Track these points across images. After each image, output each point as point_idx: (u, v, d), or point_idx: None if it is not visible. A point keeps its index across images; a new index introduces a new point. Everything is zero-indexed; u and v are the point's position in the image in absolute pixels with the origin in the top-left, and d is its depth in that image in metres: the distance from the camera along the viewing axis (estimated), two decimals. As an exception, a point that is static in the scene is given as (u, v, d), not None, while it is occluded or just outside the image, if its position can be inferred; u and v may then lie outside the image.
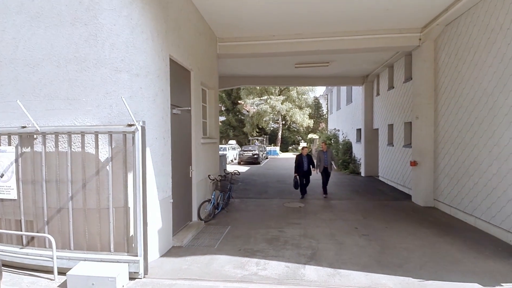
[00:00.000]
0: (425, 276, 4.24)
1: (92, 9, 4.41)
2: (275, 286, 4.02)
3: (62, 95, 4.50)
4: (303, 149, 10.12)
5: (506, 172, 5.52)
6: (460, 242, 5.56)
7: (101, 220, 4.37)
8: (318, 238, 5.89)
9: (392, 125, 11.71)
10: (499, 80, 5.70)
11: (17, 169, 4.51)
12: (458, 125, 7.13)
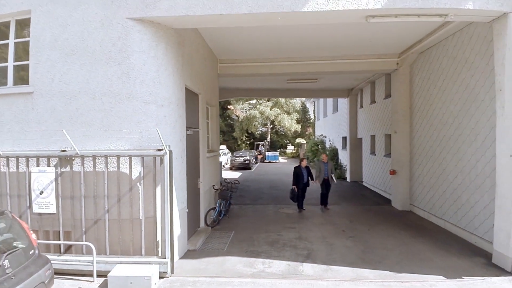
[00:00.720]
0: (399, 270, 5.26)
1: (125, 51, 5.24)
2: (280, 280, 4.95)
3: (97, 123, 5.30)
4: (302, 161, 10.00)
5: (468, 183, 6.64)
6: (431, 242, 6.64)
7: (133, 228, 5.18)
8: (312, 240, 6.86)
9: (374, 135, 12.90)
10: (463, 105, 6.84)
11: (56, 187, 5.27)
12: (429, 141, 8.29)
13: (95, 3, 5.25)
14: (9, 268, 3.45)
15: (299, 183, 9.54)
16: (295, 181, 9.60)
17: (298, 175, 9.60)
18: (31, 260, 3.88)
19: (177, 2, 5.11)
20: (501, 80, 5.13)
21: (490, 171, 5.80)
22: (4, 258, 3.44)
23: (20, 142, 5.43)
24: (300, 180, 9.54)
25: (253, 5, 5.03)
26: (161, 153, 5.06)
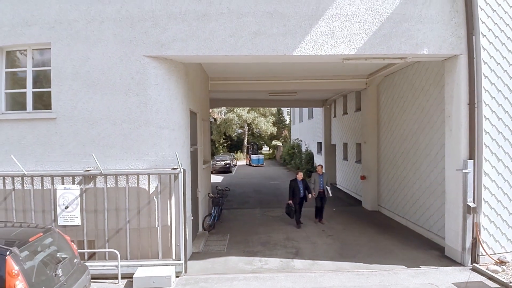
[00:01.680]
0: (370, 262, 6.56)
1: (142, 84, 6.08)
2: (276, 274, 6.05)
3: (118, 145, 6.09)
4: (298, 174, 9.53)
5: (424, 189, 8.13)
6: (395, 238, 8.05)
7: (151, 235, 6.04)
8: (298, 240, 8.04)
9: (347, 143, 14.41)
10: (419, 124, 8.32)
11: (81, 202, 6.00)
12: (393, 151, 9.78)
13: (114, 41, 6.03)
14: (62, 276, 4.23)
15: (296, 198, 9.16)
16: (291, 195, 9.22)
17: (294, 189, 9.23)
18: (76, 268, 4.67)
19: (188, 44, 6.04)
20: (449, 109, 6.57)
21: (441, 180, 7.28)
22: (58, 268, 4.22)
23: (43, 163, 6.08)
24: (296, 194, 9.18)
25: (253, 49, 6.08)
26: (176, 171, 5.97)
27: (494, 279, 5.39)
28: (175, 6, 6.00)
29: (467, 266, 6.08)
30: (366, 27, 6.12)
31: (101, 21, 6.02)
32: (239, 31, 6.06)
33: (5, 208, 6.02)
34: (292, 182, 9.45)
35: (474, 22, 6.04)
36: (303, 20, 6.07)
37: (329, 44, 6.11)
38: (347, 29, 6.10)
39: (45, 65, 6.34)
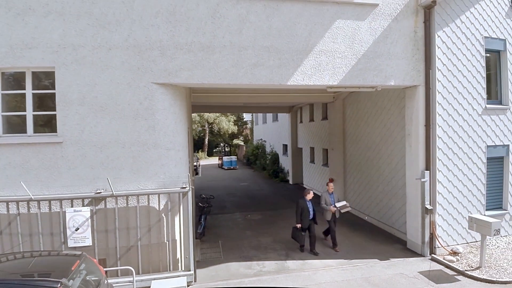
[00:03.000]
0: (350, 258, 7.79)
1: (151, 109, 6.46)
2: (276, 275, 6.94)
3: (127, 167, 6.41)
4: (308, 193, 8.33)
5: (387, 192, 9.64)
6: (365, 235, 9.45)
7: (161, 250, 6.51)
8: (284, 242, 9.02)
9: (313, 148, 15.82)
10: (382, 137, 9.81)
11: (92, 223, 6.23)
12: (358, 158, 11.26)
13: (122, 68, 6.31)
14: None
15: (305, 220, 8.10)
16: (300, 218, 8.08)
17: (303, 210, 8.10)
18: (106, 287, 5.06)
19: (194, 73, 6.56)
20: (409, 128, 8.01)
21: (401, 185, 8.79)
22: (97, 290, 4.62)
23: (49, 187, 6.17)
24: (306, 216, 8.09)
25: (252, 78, 6.82)
26: (185, 190, 6.51)
27: (451, 268, 6.92)
28: (181, 37, 6.48)
29: (427, 256, 7.61)
30: (346, 62, 7.23)
31: (108, 48, 6.25)
32: (240, 62, 6.75)
33: (10, 233, 6.00)
34: (301, 202, 8.22)
35: (431, 58, 7.49)
36: (295, 54, 6.97)
37: (317, 76, 7.11)
38: (331, 63, 7.16)
39: (46, 88, 6.38)
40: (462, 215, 7.86)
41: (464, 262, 7.08)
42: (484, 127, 7.91)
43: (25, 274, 4.08)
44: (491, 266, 6.72)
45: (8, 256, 4.79)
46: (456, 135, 7.73)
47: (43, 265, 4.61)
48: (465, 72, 7.74)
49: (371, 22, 7.31)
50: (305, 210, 8.15)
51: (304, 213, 8.13)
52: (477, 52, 7.81)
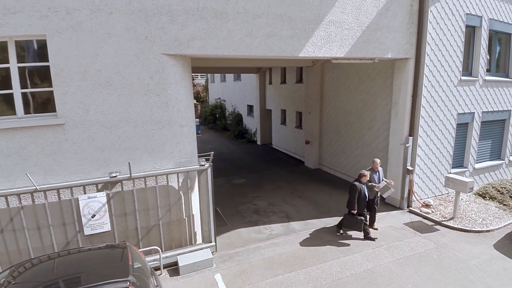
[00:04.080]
0: (341, 215, 8.71)
1: (162, 84, 5.92)
2: (287, 237, 7.51)
3: (141, 148, 5.98)
4: (363, 176, 7.43)
5: (366, 154, 10.63)
6: (346, 192, 10.50)
7: (181, 226, 6.51)
8: (279, 204, 9.62)
9: (285, 110, 16.18)
10: (364, 104, 10.49)
11: (109, 207, 5.86)
12: (336, 122, 11.99)
13: (127, 36, 5.54)
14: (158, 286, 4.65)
15: (361, 206, 7.35)
16: (355, 203, 7.26)
17: (359, 195, 7.29)
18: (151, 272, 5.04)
19: (208, 43, 6.08)
20: (397, 98, 8.74)
21: (382, 148, 9.79)
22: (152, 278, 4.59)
23: (54, 174, 5.52)
24: (362, 199, 7.34)
25: (266, 49, 6.59)
26: (204, 167, 6.41)
27: (428, 219, 8.27)
28: (192, 1, 5.82)
29: (405, 209, 8.92)
30: (353, 34, 7.36)
31: (109, 12, 5.36)
32: (254, 32, 6.41)
33: (13, 229, 5.36)
34: (357, 185, 7.31)
35: (423, 32, 8.01)
36: (307, 24, 6.84)
37: (326, 47, 7.15)
38: (340, 35, 7.22)
39: (35, 60, 5.34)
40: (433, 173, 9.24)
41: (438, 213, 8.53)
42: (457, 97, 9.03)
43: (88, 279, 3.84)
44: (462, 217, 8.24)
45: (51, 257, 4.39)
46: (435, 105, 8.72)
47: (101, 263, 4.37)
48: (448, 46, 8.51)
49: (376, -7, 7.40)
50: (362, 195, 7.31)
51: (360, 197, 7.30)
52: (459, 28, 8.57)
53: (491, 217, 8.10)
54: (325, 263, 6.48)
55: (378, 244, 7.21)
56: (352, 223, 7.43)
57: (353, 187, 7.36)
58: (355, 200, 7.29)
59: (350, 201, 7.37)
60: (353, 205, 7.29)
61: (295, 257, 6.70)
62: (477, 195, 9.53)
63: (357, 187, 7.31)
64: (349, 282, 5.86)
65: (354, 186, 7.36)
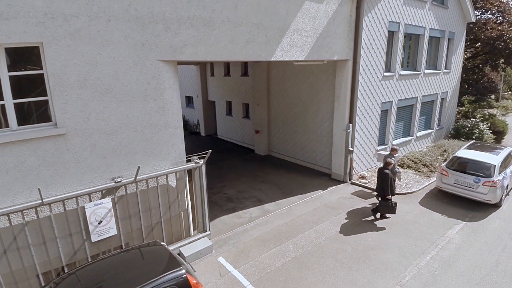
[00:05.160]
0: (303, 193, 10.32)
1: (159, 89, 6.21)
2: (266, 217, 8.67)
3: (141, 151, 6.21)
4: (390, 164, 8.24)
5: (312, 139, 12.39)
6: (300, 174, 12.16)
7: (180, 220, 7.00)
8: (247, 190, 10.66)
9: (231, 101, 16.97)
10: (308, 96, 12.13)
11: (115, 212, 5.99)
12: (284, 112, 13.46)
13: (125, 43, 5.65)
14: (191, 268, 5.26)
15: (393, 189, 8.21)
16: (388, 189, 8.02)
17: (391, 181, 8.12)
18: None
19: (198, 49, 6.56)
20: (338, 92, 10.55)
21: (325, 134, 11.65)
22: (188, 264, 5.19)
23: (56, 185, 5.40)
24: (392, 186, 8.18)
25: (246, 55, 7.37)
26: (199, 165, 6.97)
27: (367, 188, 10.45)
28: (183, 10, 6.20)
29: (348, 182, 11.01)
30: (310, 40, 8.69)
31: (107, 19, 5.39)
32: (236, 39, 7.12)
33: (17, 247, 5.12)
34: (389, 173, 8.08)
35: (359, 38, 9.86)
36: (277, 32, 7.85)
37: (291, 52, 8.31)
38: (301, 41, 8.45)
39: (27, 69, 5.04)
40: (365, 151, 11.55)
41: (373, 182, 10.83)
42: (381, 89, 11.38)
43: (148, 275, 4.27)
44: (390, 182, 10.68)
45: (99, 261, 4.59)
46: (367, 96, 10.87)
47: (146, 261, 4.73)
48: (376, 49, 10.63)
49: (326, 5, 8.82)
50: (392, 181, 8.14)
51: (391, 183, 8.10)
52: (383, 33, 10.76)
53: (412, 182, 10.79)
54: (304, 233, 7.89)
55: (337, 212, 8.98)
56: (388, 208, 8.13)
57: (386, 175, 8.01)
58: (389, 187, 7.99)
59: (385, 188, 8.03)
60: (388, 191, 8.00)
61: (280, 232, 7.94)
62: (397, 166, 12.30)
63: (389, 175, 8.03)
64: (327, 244, 7.40)
65: (387, 174, 8.02)
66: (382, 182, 8.16)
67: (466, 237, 7.66)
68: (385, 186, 8.10)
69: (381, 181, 8.19)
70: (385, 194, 8.13)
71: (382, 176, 8.18)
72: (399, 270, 6.50)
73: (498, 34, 18.61)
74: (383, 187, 8.15)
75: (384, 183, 8.11)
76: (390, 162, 8.29)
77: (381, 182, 8.18)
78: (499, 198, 8.92)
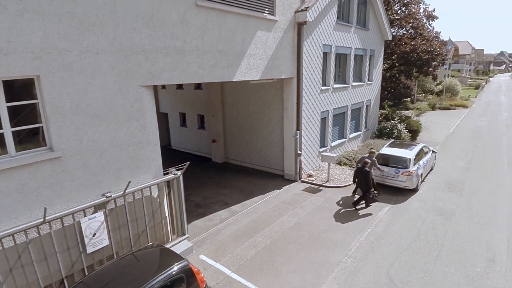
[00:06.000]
0: (263, 193, 11.73)
1: (141, 110, 7.03)
2: (235, 217, 9.86)
3: (126, 167, 6.93)
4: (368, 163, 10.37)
5: (266, 145, 13.92)
6: (257, 177, 13.56)
7: (162, 227, 7.80)
8: (213, 196, 11.68)
9: (184, 113, 17.70)
10: (260, 108, 13.65)
11: (106, 224, 6.61)
12: (238, 122, 14.80)
13: (112, 73, 6.41)
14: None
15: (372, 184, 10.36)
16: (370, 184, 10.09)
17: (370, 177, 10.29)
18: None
19: (173, 75, 7.55)
20: (286, 104, 12.29)
21: (277, 140, 13.31)
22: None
23: (53, 204, 5.89)
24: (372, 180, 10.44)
25: (212, 77, 8.56)
26: (178, 175, 7.88)
27: (315, 184, 12.32)
28: (160, 42, 7.15)
29: (298, 181, 12.77)
30: (262, 63, 10.21)
31: (96, 52, 6.11)
32: (204, 64, 8.26)
33: (21, 265, 5.50)
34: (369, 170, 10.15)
35: (300, 59, 11.71)
36: (236, 57, 9.18)
37: (249, 73, 9.72)
38: (256, 64, 9.92)
39: (21, 99, 5.50)
40: (310, 153, 13.51)
41: (318, 179, 12.77)
42: (320, 101, 13.47)
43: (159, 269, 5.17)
44: (333, 179, 12.71)
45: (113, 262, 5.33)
46: (309, 107, 12.82)
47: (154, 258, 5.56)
48: (314, 67, 12.64)
49: (274, 33, 10.45)
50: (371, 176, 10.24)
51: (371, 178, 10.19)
52: (320, 54, 12.84)
53: (348, 176, 12.99)
54: (269, 226, 9.29)
55: (293, 206, 10.60)
56: (371, 199, 10.11)
57: (368, 172, 9.94)
58: (370, 182, 9.96)
59: (368, 184, 9.92)
60: (370, 185, 9.97)
61: (249, 228, 9.20)
62: (336, 164, 14.55)
63: (370, 172, 10.00)
64: (289, 233, 8.90)
65: (368, 171, 9.95)
66: (365, 179, 9.98)
67: (392, 216, 9.87)
68: (368, 181, 9.98)
69: (364, 178, 10.01)
70: (368, 188, 9.99)
71: (364, 174, 9.99)
72: (345, 246, 8.29)
73: (411, 48, 22.59)
74: (366, 182, 9.97)
75: (367, 179, 9.97)
76: (367, 162, 10.21)
77: (364, 178, 10.01)
78: (416, 184, 11.49)
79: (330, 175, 12.80)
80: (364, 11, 16.25)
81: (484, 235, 8.66)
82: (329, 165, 12.60)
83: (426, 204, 10.73)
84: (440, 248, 8.13)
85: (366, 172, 10.07)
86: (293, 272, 7.26)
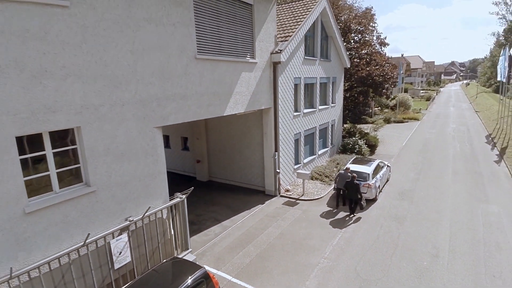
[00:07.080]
0: (249, 208, 13.40)
1: (154, 148, 8.50)
2: (229, 231, 11.41)
3: (143, 195, 8.32)
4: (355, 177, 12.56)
5: (248, 164, 15.65)
6: (241, 193, 15.19)
7: (171, 242, 9.19)
8: (204, 213, 13.12)
9: (168, 136, 18.95)
10: (242, 132, 15.42)
11: (129, 243, 7.92)
12: (221, 144, 16.42)
13: (133, 119, 7.87)
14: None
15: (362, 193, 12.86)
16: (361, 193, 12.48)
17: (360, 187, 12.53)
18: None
19: (178, 116, 9.12)
20: (266, 130, 14.20)
21: (258, 160, 15.12)
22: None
23: (89, 229, 7.16)
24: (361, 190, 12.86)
25: (208, 114, 10.24)
26: (183, 199, 9.37)
27: (292, 198, 14.24)
28: (168, 91, 8.73)
29: (278, 196, 14.63)
30: (247, 98, 12.06)
31: (122, 104, 7.57)
32: (201, 105, 9.92)
33: (64, 282, 6.70)
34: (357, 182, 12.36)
35: (276, 92, 13.73)
36: (226, 96, 10.94)
37: (236, 108, 11.51)
38: (241, 100, 11.74)
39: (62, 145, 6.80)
40: (287, 170, 15.48)
41: (295, 193, 14.71)
42: (293, 124, 15.56)
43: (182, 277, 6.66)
44: (307, 193, 14.71)
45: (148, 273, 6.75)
46: (284, 130, 14.84)
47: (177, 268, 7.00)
48: (287, 97, 14.74)
49: (255, 72, 12.38)
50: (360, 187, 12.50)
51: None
52: (291, 86, 14.97)
53: (320, 190, 15.08)
54: (258, 237, 10.99)
55: (276, 219, 12.39)
56: (362, 207, 12.55)
57: (357, 184, 12.21)
58: (361, 192, 12.30)
59: (360, 193, 12.22)
60: (361, 195, 12.33)
61: (241, 240, 10.83)
62: (309, 179, 16.64)
63: (359, 184, 12.30)
64: (276, 242, 10.66)
65: (357, 184, 12.24)
66: (356, 190, 12.18)
67: (357, 223, 12.01)
68: (359, 193, 12.21)
69: (355, 189, 12.20)
70: (360, 197, 12.28)
71: (355, 186, 12.22)
72: (322, 249, 10.20)
73: (367, 73, 25.86)
74: (357, 193, 12.18)
75: (358, 191, 12.20)
76: (354, 176, 12.51)
77: (355, 190, 12.20)
78: (375, 195, 13.80)
79: (305, 189, 14.82)
80: (326, 45, 18.83)
81: (430, 236, 11.00)
82: (303, 181, 14.63)
83: (383, 211, 13.02)
84: (395, 247, 10.31)
85: (356, 184, 12.23)
86: (282, 274, 9.00)
